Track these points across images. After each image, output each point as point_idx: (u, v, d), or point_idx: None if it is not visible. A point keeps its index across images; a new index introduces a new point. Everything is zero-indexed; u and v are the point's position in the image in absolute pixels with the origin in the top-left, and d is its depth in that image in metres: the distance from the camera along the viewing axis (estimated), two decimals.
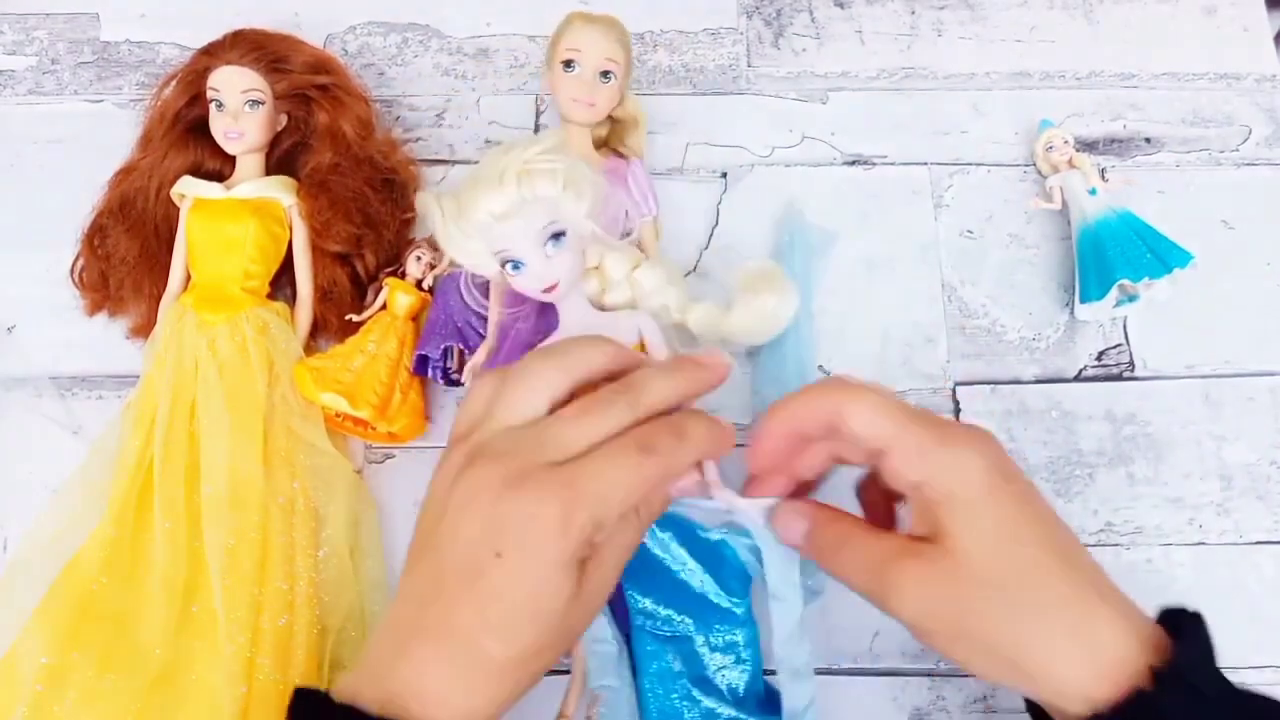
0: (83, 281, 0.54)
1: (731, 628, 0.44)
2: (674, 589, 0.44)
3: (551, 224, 0.41)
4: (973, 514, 0.32)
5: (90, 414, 0.52)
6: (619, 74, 0.50)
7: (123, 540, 0.46)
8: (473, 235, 0.41)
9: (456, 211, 0.41)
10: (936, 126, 0.59)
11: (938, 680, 0.47)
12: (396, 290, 0.51)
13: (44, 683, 0.43)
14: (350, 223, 0.51)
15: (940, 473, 0.33)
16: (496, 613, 0.32)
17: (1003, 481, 0.33)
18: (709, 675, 0.44)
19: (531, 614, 0.32)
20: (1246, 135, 0.59)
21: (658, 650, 0.44)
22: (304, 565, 0.47)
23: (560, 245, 0.41)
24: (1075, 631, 0.31)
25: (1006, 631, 0.32)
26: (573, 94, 0.50)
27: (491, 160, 0.41)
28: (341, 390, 0.47)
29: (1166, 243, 0.52)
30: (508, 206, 0.40)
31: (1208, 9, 0.62)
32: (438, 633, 0.32)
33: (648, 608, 0.44)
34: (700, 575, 0.44)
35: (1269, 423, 0.52)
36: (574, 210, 0.42)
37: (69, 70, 0.60)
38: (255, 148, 0.53)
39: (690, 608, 0.44)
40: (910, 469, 0.33)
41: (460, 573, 0.32)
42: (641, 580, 0.44)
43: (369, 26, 0.62)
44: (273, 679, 0.44)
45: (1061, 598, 0.32)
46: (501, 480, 0.32)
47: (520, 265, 0.41)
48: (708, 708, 0.43)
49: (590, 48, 0.49)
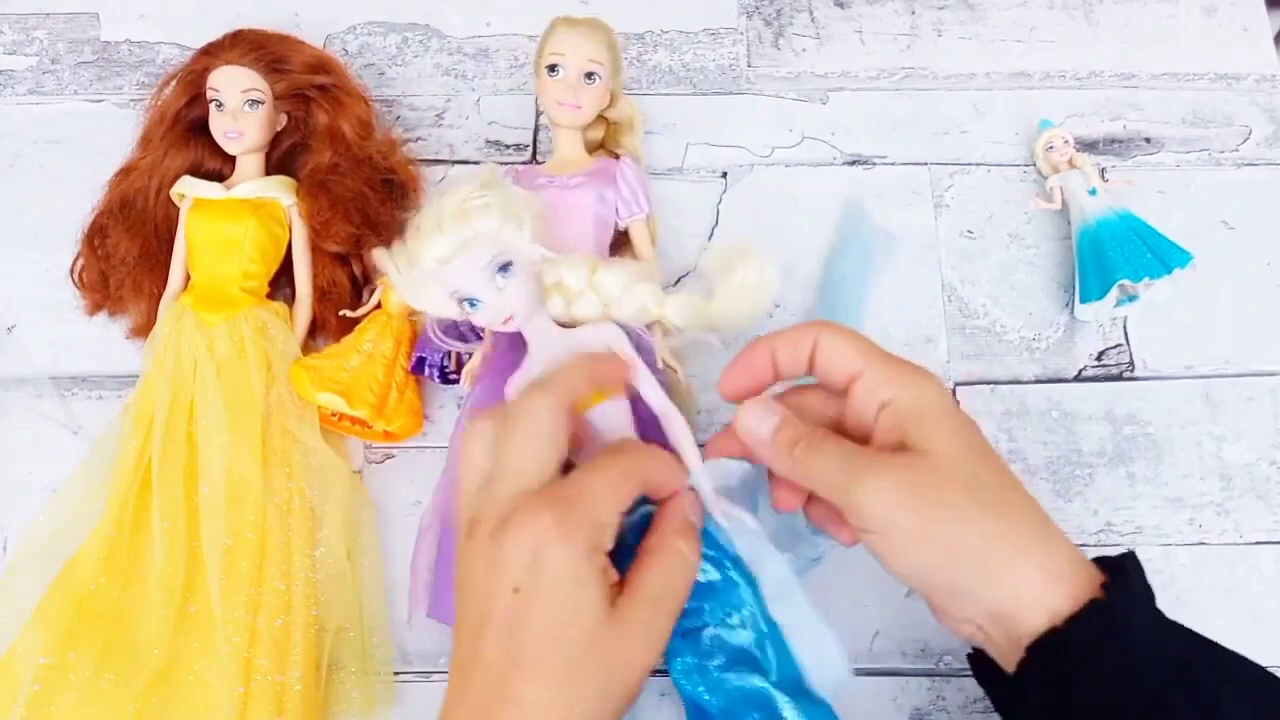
0: (83, 281, 0.54)
1: (733, 600, 0.42)
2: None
3: (496, 256, 0.42)
4: (942, 425, 0.34)
5: (90, 414, 0.52)
6: (604, 75, 0.50)
7: (121, 540, 0.46)
8: (427, 282, 0.42)
9: (407, 262, 0.42)
10: (936, 126, 0.59)
11: (938, 680, 0.47)
12: (392, 289, 0.51)
13: (42, 682, 0.43)
14: (349, 223, 0.51)
15: (909, 392, 0.35)
16: (521, 645, 0.32)
17: (957, 409, 0.36)
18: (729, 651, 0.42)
19: (556, 639, 0.32)
20: (1246, 135, 0.59)
21: (677, 647, 0.43)
22: (301, 565, 0.47)
23: (509, 275, 0.42)
24: (1040, 537, 0.33)
25: (976, 530, 0.32)
26: (557, 97, 0.50)
27: (430, 207, 0.43)
28: (338, 389, 0.47)
29: (1166, 243, 0.52)
30: (450, 249, 0.41)
31: (1208, 9, 0.62)
32: (478, 700, 0.32)
33: None
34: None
35: (1269, 423, 0.52)
36: (516, 239, 0.43)
37: (69, 70, 0.60)
38: (255, 148, 0.53)
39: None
40: (882, 388, 0.36)
41: (482, 620, 0.33)
42: None
43: (369, 26, 0.62)
44: (270, 679, 0.44)
45: (1027, 506, 0.34)
46: (497, 523, 0.33)
47: (476, 302, 0.42)
48: (741, 686, 0.42)
49: (573, 50, 0.50)
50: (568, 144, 0.52)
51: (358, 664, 0.46)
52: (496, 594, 0.33)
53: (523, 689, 0.32)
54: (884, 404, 0.36)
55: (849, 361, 0.36)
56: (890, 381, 0.36)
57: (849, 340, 0.37)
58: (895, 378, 0.36)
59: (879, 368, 0.36)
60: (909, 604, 0.48)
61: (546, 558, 0.32)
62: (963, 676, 0.47)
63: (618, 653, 0.33)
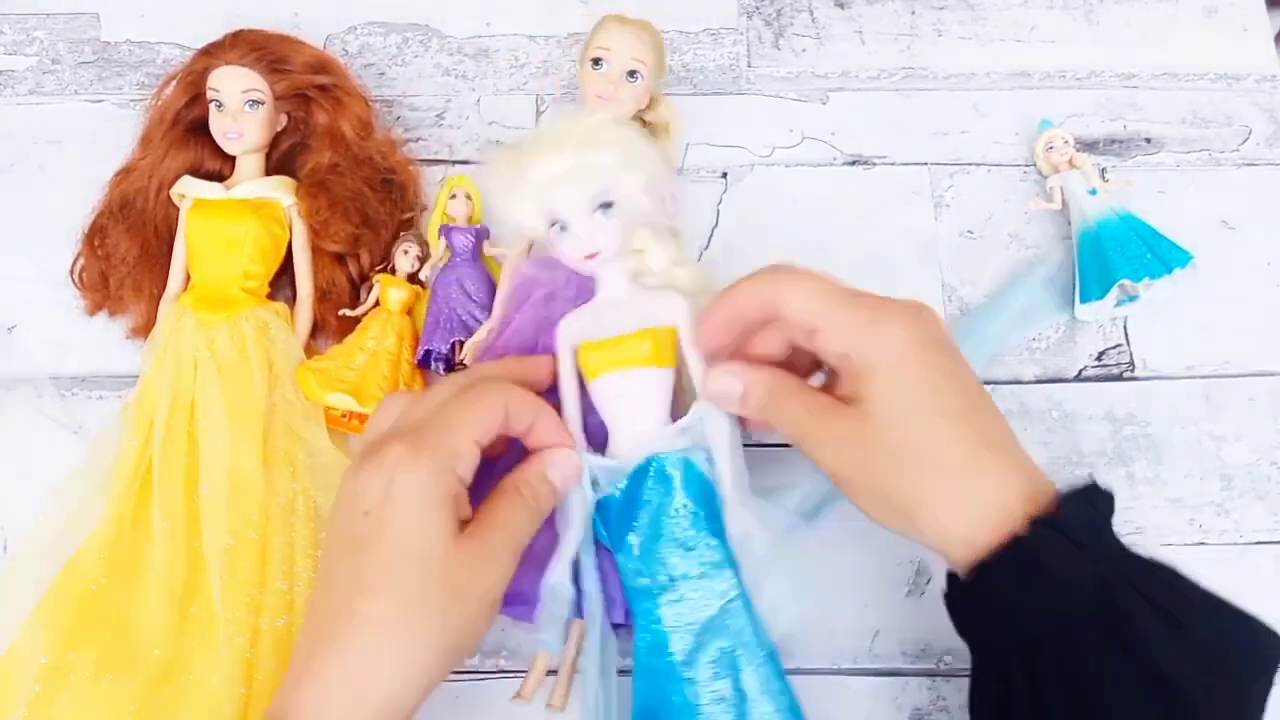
0: (83, 281, 0.54)
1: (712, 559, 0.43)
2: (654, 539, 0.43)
3: (604, 192, 0.42)
4: (887, 384, 0.36)
5: (90, 414, 0.52)
6: (646, 75, 0.51)
7: (122, 540, 0.46)
8: (525, 195, 0.42)
9: (514, 169, 0.42)
10: (936, 126, 0.59)
11: (938, 680, 0.47)
12: (389, 286, 0.51)
13: (43, 683, 0.43)
14: (349, 223, 0.51)
15: (864, 346, 0.36)
16: (365, 565, 0.33)
17: (922, 354, 0.36)
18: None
19: (400, 558, 0.33)
20: (1246, 135, 0.59)
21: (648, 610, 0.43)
22: (304, 566, 0.46)
23: (609, 215, 0.42)
24: (960, 490, 0.35)
25: (900, 488, 0.35)
26: (597, 90, 0.51)
27: (556, 124, 0.43)
28: (347, 389, 0.47)
29: (1166, 243, 0.52)
30: (564, 170, 0.41)
31: (1208, 9, 0.62)
32: (322, 621, 0.33)
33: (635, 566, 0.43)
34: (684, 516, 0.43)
35: (1269, 423, 0.52)
36: (628, 183, 0.42)
37: (69, 70, 0.60)
38: (255, 148, 0.53)
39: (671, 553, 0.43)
40: (838, 343, 0.37)
41: (337, 546, 0.34)
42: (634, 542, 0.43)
43: (369, 27, 0.62)
44: (272, 680, 0.44)
45: (952, 462, 0.35)
46: (360, 456, 0.36)
47: (567, 229, 0.42)
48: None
49: (619, 47, 0.51)
50: None
51: None
52: (351, 519, 0.34)
53: (364, 607, 0.33)
54: (841, 356, 0.37)
55: (808, 317, 0.38)
56: (846, 335, 0.37)
57: (809, 294, 0.38)
58: (851, 330, 0.37)
59: (837, 321, 0.37)
60: (909, 604, 0.48)
61: (395, 482, 0.34)
62: (963, 676, 0.47)
63: (462, 579, 0.35)
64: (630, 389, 0.43)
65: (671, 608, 0.42)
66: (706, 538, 0.42)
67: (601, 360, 0.43)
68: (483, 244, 0.53)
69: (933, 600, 0.47)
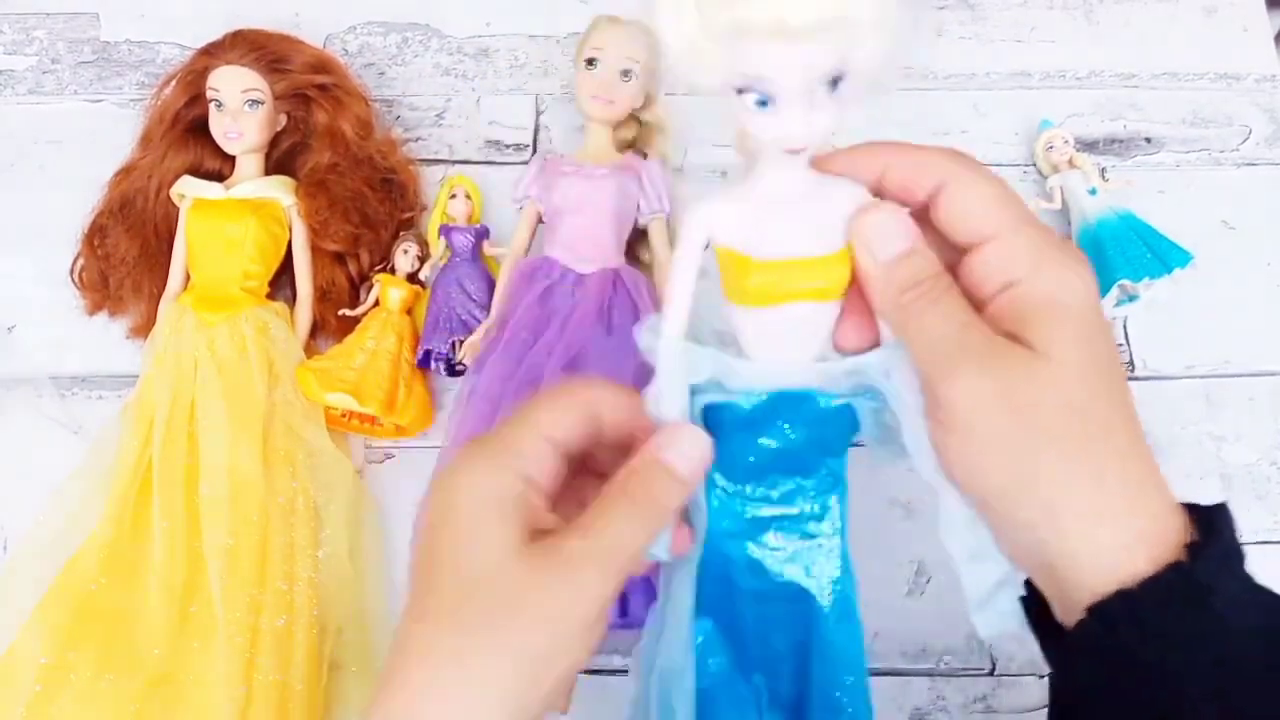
0: (83, 281, 0.54)
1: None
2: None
3: (840, 65, 0.28)
4: (1075, 327, 0.28)
5: (90, 414, 0.52)
6: (640, 74, 0.51)
7: (122, 540, 0.46)
8: (717, 45, 0.30)
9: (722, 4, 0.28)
10: (936, 126, 0.59)
11: (938, 680, 0.47)
12: (389, 286, 0.51)
13: (42, 683, 0.43)
14: (348, 222, 0.51)
15: (1046, 279, 0.28)
16: (420, 589, 0.29)
17: (1100, 310, 0.29)
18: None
19: (453, 574, 0.28)
20: (1246, 135, 0.59)
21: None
22: (303, 566, 0.47)
23: (835, 94, 0.29)
24: (1132, 494, 0.28)
25: (1064, 470, 0.28)
26: (591, 90, 0.51)
27: None
28: (347, 388, 0.47)
29: (1166, 243, 0.52)
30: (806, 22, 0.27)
31: (1208, 9, 0.62)
32: (401, 647, 0.29)
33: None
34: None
35: (1269, 423, 0.52)
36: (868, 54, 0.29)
37: (69, 70, 0.60)
38: (255, 148, 0.53)
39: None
40: (1013, 265, 0.29)
41: (410, 569, 0.30)
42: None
43: (369, 26, 0.62)
44: (272, 680, 0.44)
45: (1131, 451, 0.28)
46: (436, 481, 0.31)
47: (770, 104, 0.30)
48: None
49: (612, 46, 0.51)
50: (598, 138, 0.52)
51: (359, 664, 0.46)
52: (414, 538, 0.31)
53: (419, 635, 0.28)
54: (1009, 284, 0.29)
55: (980, 222, 0.29)
56: (1026, 259, 0.29)
57: (987, 194, 0.29)
58: (1033, 256, 0.29)
59: (1018, 238, 0.29)
60: (909, 604, 0.48)
61: (446, 491, 0.29)
62: (962, 676, 0.47)
63: (525, 597, 0.28)
64: (804, 320, 0.31)
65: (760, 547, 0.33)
66: (831, 501, 0.33)
67: (778, 286, 0.30)
68: (482, 244, 0.53)
69: (933, 600, 0.48)
